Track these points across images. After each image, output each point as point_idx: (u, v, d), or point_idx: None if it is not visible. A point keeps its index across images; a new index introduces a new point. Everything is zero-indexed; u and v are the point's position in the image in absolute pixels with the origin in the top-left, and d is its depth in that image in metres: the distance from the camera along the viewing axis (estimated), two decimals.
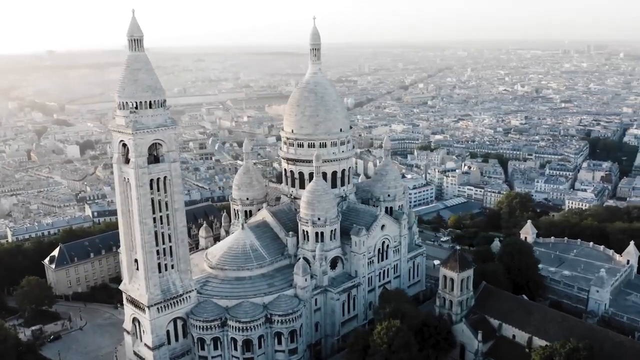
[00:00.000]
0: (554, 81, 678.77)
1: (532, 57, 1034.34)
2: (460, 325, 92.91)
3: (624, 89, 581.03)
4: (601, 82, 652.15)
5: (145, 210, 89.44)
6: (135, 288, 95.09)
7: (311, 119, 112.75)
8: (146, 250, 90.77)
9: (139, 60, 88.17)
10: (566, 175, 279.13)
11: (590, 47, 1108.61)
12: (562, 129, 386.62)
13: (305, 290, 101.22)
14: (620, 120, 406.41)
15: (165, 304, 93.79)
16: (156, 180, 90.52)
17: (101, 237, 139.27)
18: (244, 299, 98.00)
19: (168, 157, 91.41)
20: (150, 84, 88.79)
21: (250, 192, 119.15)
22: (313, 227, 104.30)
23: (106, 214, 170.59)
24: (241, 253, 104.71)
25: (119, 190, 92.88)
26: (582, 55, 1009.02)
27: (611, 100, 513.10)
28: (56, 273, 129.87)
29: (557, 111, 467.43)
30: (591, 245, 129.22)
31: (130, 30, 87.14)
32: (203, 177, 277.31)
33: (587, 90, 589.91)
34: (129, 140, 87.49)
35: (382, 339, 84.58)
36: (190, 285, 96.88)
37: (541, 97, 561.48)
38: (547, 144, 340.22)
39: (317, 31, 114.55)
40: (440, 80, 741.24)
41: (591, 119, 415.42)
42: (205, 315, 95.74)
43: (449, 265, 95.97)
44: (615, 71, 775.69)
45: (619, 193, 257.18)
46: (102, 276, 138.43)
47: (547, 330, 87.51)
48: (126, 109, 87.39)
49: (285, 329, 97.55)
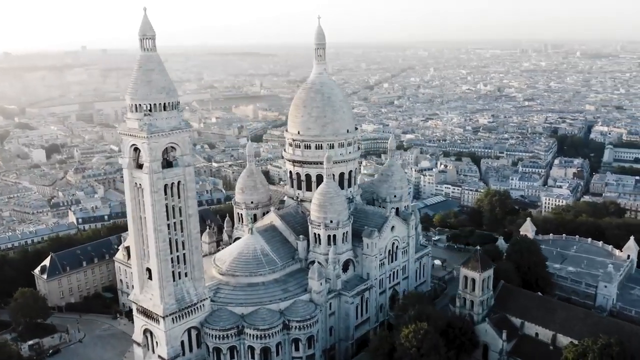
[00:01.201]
0: (515, 80, 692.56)
1: (492, 56, 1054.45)
2: (483, 325, 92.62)
3: (584, 87, 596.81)
4: (561, 80, 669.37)
5: (160, 217, 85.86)
6: (147, 298, 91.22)
7: (318, 119, 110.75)
8: (161, 258, 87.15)
9: (152, 60, 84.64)
10: (539, 172, 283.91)
11: (548, 46, 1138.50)
12: (529, 126, 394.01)
13: (320, 294, 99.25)
14: (584, 118, 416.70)
15: (180, 314, 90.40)
16: (170, 185, 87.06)
17: (93, 245, 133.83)
18: (260, 306, 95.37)
19: (182, 161, 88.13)
20: (164, 85, 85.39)
21: (254, 195, 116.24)
22: (325, 230, 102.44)
23: (91, 220, 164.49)
24: (252, 258, 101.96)
25: (130, 197, 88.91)
26: (540, 54, 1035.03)
27: (573, 98, 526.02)
28: (48, 284, 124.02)
29: (522, 109, 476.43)
30: (589, 241, 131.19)
31: (142, 29, 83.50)
32: None
33: (548, 89, 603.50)
34: (143, 144, 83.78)
35: (411, 342, 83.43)
36: (204, 294, 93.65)
37: (504, 96, 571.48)
38: (516, 141, 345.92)
39: (321, 30, 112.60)
40: (404, 80, 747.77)
41: (557, 116, 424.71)
42: (221, 324, 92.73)
43: (470, 265, 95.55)
44: (574, 69, 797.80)
45: (592, 189, 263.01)
46: (95, 285, 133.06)
47: (572, 327, 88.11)
48: (139, 112, 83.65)
49: (303, 335, 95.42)
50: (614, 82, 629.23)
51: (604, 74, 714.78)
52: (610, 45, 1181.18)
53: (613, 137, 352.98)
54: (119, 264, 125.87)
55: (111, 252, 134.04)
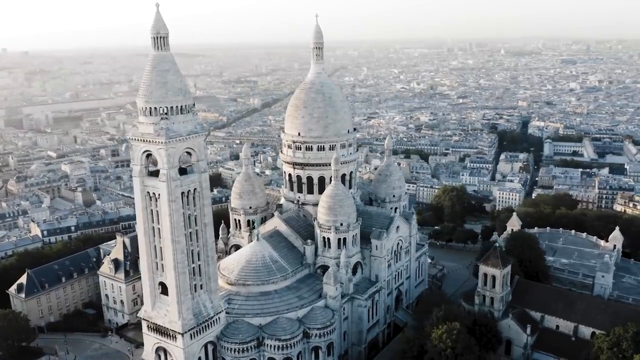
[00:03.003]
0: (446, 78, 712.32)
1: (420, 55, 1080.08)
2: (506, 321, 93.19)
3: (512, 84, 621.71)
4: (490, 78, 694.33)
5: (177, 227, 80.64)
6: (161, 314, 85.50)
7: (320, 120, 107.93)
8: (179, 271, 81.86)
9: (167, 60, 79.19)
10: (487, 167, 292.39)
11: (472, 45, 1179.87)
12: (469, 123, 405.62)
13: (335, 299, 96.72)
14: (519, 114, 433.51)
15: (197, 329, 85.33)
16: (186, 193, 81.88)
17: (71, 259, 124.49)
18: (279, 315, 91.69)
19: (198, 167, 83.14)
20: (181, 86, 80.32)
21: (253, 200, 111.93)
22: (336, 233, 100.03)
23: (57, 232, 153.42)
24: (262, 266, 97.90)
25: (140, 207, 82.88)
26: (466, 53, 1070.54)
27: (504, 95, 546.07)
28: (27, 303, 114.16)
29: (457, 107, 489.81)
30: (573, 233, 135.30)
31: (155, 26, 77.93)
32: (128, 186, 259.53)
33: (479, 86, 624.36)
34: (160, 150, 78.24)
35: (445, 342, 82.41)
36: (220, 306, 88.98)
37: (438, 94, 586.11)
38: (460, 138, 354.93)
39: (320, 29, 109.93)
40: (338, 80, 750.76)
41: (494, 113, 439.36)
42: (240, 336, 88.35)
43: (490, 262, 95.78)
44: (500, 67, 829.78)
45: (541, 182, 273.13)
46: (75, 302, 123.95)
47: (593, 317, 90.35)
48: (155, 115, 78.15)
49: (324, 343, 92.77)
50: (540, 78, 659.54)
51: (529, 71, 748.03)
52: (532, 43, 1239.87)
53: (550, 131, 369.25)
54: (105, 278, 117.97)
55: (90, 265, 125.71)
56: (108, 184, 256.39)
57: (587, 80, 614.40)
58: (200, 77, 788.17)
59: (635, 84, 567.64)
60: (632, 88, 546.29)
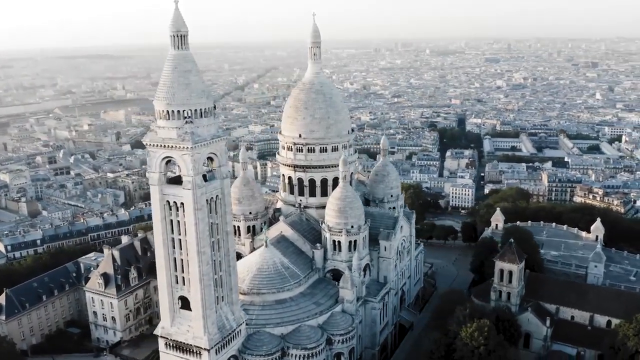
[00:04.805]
0: (377, 78, 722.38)
1: (348, 55, 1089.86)
2: (525, 315, 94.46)
3: (442, 83, 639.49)
4: (419, 77, 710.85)
5: (203, 237, 76.11)
6: (183, 330, 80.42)
7: (322, 121, 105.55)
8: (204, 284, 77.27)
9: (188, 60, 74.44)
10: (434, 164, 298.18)
11: (398, 45, 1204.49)
12: (409, 121, 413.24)
13: (352, 304, 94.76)
14: (455, 112, 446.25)
15: (222, 343, 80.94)
16: (209, 200, 77.43)
17: (50, 276, 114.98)
18: (300, 323, 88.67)
19: (220, 173, 78.79)
20: (203, 87, 75.93)
21: (253, 205, 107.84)
22: (347, 235, 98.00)
23: (22, 247, 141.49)
24: (275, 273, 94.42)
25: (159, 217, 77.51)
26: (393, 53, 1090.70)
27: (435, 93, 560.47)
28: (7, 325, 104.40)
29: (394, 106, 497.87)
30: (554, 225, 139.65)
31: (175, 24, 73.16)
32: (73, 194, 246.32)
33: (410, 85, 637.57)
34: (184, 156, 73.40)
35: (478, 340, 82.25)
36: (241, 317, 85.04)
37: (372, 94, 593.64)
38: (403, 136, 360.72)
39: (317, 28, 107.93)
40: (272, 80, 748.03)
41: (431, 111, 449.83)
42: (264, 348, 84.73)
43: (507, 258, 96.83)
44: (428, 66, 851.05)
45: (488, 177, 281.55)
46: (57, 321, 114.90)
47: (607, 306, 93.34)
48: (177, 119, 73.20)
49: (346, 349, 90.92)
50: (467, 77, 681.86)
51: (456, 70, 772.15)
52: (455, 42, 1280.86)
53: (488, 128, 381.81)
54: (93, 294, 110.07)
55: (70, 281, 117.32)
56: (52, 193, 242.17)
57: (513, 78, 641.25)
58: (128, 79, 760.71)
59: (558, 81, 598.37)
60: (556, 85, 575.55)
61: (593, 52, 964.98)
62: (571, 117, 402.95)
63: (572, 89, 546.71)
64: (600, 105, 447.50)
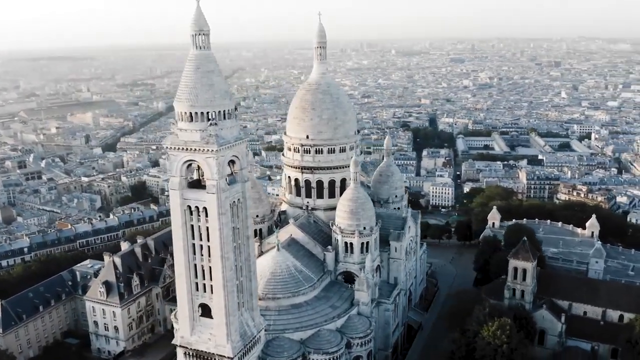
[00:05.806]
0: (345, 78, 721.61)
1: None
2: (540, 312, 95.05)
3: (410, 83, 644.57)
4: (387, 77, 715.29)
5: (227, 242, 73.90)
6: (204, 339, 77.95)
7: (330, 122, 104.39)
8: (228, 290, 75.10)
9: (210, 60, 72.13)
10: (411, 164, 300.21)
11: (364, 45, 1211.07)
12: (381, 121, 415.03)
13: (367, 306, 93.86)
14: (426, 111, 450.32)
15: (244, 351, 78.87)
16: (231, 204, 75.33)
17: (46, 285, 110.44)
18: (319, 328, 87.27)
19: (241, 177, 76.67)
20: (226, 89, 73.97)
21: (259, 208, 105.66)
22: (360, 237, 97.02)
23: (9, 255, 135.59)
24: (289, 277, 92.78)
25: (179, 223, 74.97)
26: (359, 53, 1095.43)
27: (404, 93, 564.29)
28: (5, 338, 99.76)
29: (365, 106, 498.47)
30: (549, 223, 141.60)
31: (197, 23, 70.76)
32: (48, 199, 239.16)
33: (379, 86, 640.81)
34: (208, 159, 71.14)
35: (501, 338, 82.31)
36: (261, 324, 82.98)
37: None
38: (378, 136, 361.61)
39: (322, 28, 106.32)
40: (240, 81, 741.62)
41: (403, 111, 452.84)
42: (285, 354, 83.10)
43: (520, 256, 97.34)
44: (394, 67, 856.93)
45: (466, 176, 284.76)
46: (54, 332, 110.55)
47: (618, 301, 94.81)
48: (201, 121, 70.86)
49: (364, 352, 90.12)
50: (434, 77, 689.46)
51: (423, 70, 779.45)
52: (419, 43, 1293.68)
53: (460, 127, 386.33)
54: (93, 303, 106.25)
55: (67, 290, 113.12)
56: (25, 199, 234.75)
57: (479, 78, 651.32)
58: (92, 80, 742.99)
59: (523, 80, 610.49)
60: (521, 84, 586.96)
61: (555, 51, 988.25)
62: (540, 116, 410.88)
63: (537, 87, 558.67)
64: (566, 104, 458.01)
